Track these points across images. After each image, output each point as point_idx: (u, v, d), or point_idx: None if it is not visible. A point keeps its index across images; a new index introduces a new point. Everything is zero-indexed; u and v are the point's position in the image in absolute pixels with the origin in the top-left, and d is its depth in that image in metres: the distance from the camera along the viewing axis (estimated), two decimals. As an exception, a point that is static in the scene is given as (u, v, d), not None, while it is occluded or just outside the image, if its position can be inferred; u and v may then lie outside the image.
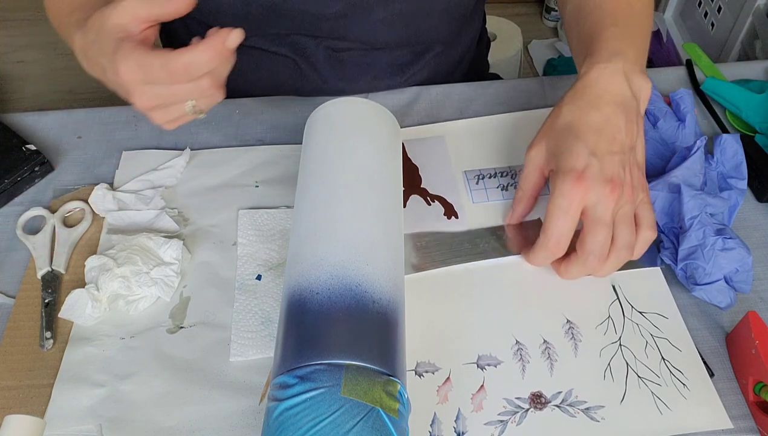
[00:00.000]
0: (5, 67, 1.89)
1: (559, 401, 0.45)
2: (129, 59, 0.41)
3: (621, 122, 0.47)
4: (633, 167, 0.47)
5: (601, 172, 0.45)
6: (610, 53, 0.49)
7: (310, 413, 0.35)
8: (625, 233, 0.46)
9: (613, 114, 0.47)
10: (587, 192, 0.45)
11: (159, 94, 0.42)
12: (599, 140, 0.46)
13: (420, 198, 0.57)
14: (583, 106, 0.48)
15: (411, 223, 0.55)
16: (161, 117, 0.45)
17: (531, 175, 0.51)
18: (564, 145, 0.47)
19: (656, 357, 0.47)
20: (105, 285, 0.49)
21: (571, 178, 0.45)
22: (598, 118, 0.47)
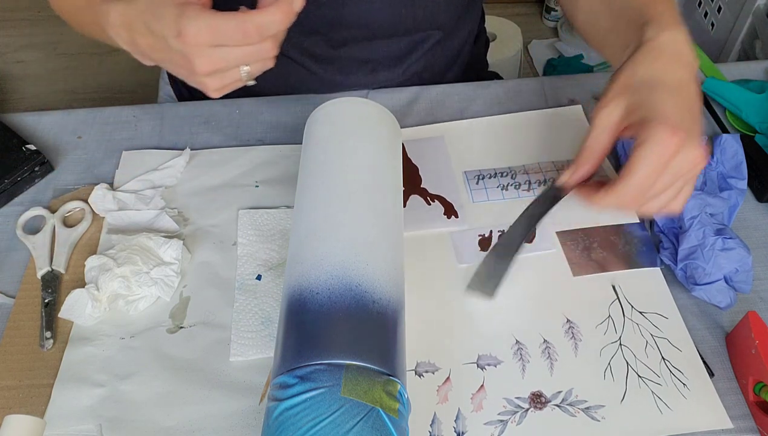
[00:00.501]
0: (5, 67, 1.89)
1: (559, 400, 0.45)
2: (198, 20, 0.41)
3: (694, 87, 0.47)
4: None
5: (690, 131, 0.44)
6: (673, 22, 0.49)
7: (310, 413, 0.35)
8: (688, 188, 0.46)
9: (689, 77, 0.47)
10: (682, 144, 0.43)
11: (223, 57, 0.43)
12: (682, 99, 0.45)
13: (420, 198, 0.57)
14: (660, 65, 0.47)
15: (411, 223, 0.55)
16: (216, 82, 0.46)
17: (603, 134, 0.47)
18: (652, 99, 0.45)
19: (656, 357, 0.47)
20: (105, 285, 0.49)
21: (667, 127, 0.43)
22: (677, 78, 0.46)
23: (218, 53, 0.43)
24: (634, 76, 0.47)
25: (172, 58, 0.45)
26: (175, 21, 0.42)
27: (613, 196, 0.46)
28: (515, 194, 0.58)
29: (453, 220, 0.56)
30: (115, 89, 1.81)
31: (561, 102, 0.67)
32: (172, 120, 0.66)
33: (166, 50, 0.45)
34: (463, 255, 0.53)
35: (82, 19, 0.56)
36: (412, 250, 0.53)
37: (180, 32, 0.42)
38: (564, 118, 0.64)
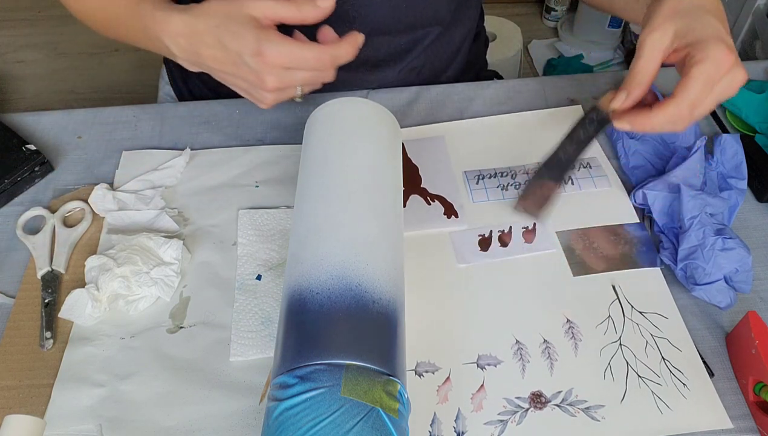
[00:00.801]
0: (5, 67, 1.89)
1: (559, 400, 0.45)
2: (280, 45, 0.47)
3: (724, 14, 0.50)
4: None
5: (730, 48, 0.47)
6: None
7: (310, 413, 0.35)
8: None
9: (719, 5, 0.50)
10: (736, 63, 0.46)
11: (292, 79, 0.49)
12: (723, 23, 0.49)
13: (420, 198, 0.57)
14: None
15: (411, 223, 0.55)
16: (274, 98, 0.52)
17: (653, 58, 0.49)
18: (703, 22, 0.48)
19: (656, 357, 0.47)
20: (105, 285, 0.49)
21: (723, 46, 0.45)
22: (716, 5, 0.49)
23: (289, 75, 0.49)
24: (681, 2, 0.49)
25: (238, 72, 0.50)
26: (255, 41, 0.47)
27: (665, 114, 0.48)
28: (515, 194, 0.58)
29: (453, 220, 0.56)
30: (115, 89, 1.81)
31: (561, 102, 0.67)
32: (172, 120, 0.66)
33: (235, 64, 0.49)
34: (463, 255, 0.53)
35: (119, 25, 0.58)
36: (412, 250, 0.53)
37: (260, 52, 0.47)
38: (564, 118, 0.65)
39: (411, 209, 0.56)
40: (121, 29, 0.58)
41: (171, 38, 0.51)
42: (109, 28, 0.60)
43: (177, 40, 0.51)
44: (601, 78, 0.70)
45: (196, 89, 0.77)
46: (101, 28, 0.61)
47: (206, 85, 0.75)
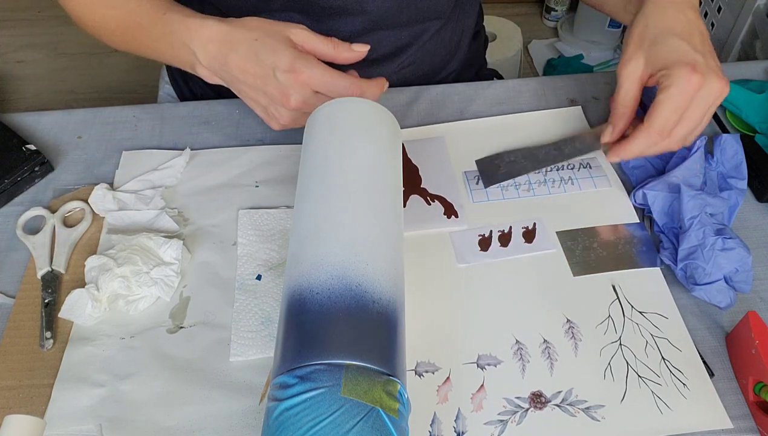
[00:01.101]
0: (5, 67, 1.89)
1: (559, 400, 0.45)
2: (315, 67, 0.50)
3: (702, 26, 0.52)
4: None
5: (707, 66, 0.49)
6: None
7: (310, 413, 0.35)
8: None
9: (695, 17, 0.52)
10: (704, 81, 0.48)
11: (316, 102, 0.51)
12: (694, 38, 0.50)
13: (420, 198, 0.57)
14: (670, 13, 0.52)
15: (411, 223, 0.55)
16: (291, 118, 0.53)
17: (631, 89, 0.52)
18: (668, 46, 0.50)
19: (656, 357, 0.47)
20: (105, 285, 0.49)
21: (687, 69, 0.48)
22: (685, 20, 0.51)
23: (315, 98, 0.51)
24: (647, 28, 0.52)
25: (263, 87, 0.51)
26: (292, 58, 0.49)
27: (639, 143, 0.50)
28: (515, 194, 0.58)
29: (453, 220, 0.56)
30: (115, 89, 1.81)
31: (561, 102, 0.67)
32: (172, 120, 0.66)
33: (264, 78, 0.51)
34: (463, 255, 0.53)
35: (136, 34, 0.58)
36: (412, 250, 0.53)
37: (295, 69, 0.49)
38: (564, 118, 0.65)
39: (411, 209, 0.56)
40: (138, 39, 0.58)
41: (201, 43, 0.52)
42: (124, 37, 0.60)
43: (207, 47, 0.52)
44: (601, 78, 0.70)
45: (196, 88, 0.77)
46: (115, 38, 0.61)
47: (207, 84, 0.75)
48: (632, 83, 0.52)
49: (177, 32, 0.54)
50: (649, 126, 0.49)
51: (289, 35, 0.51)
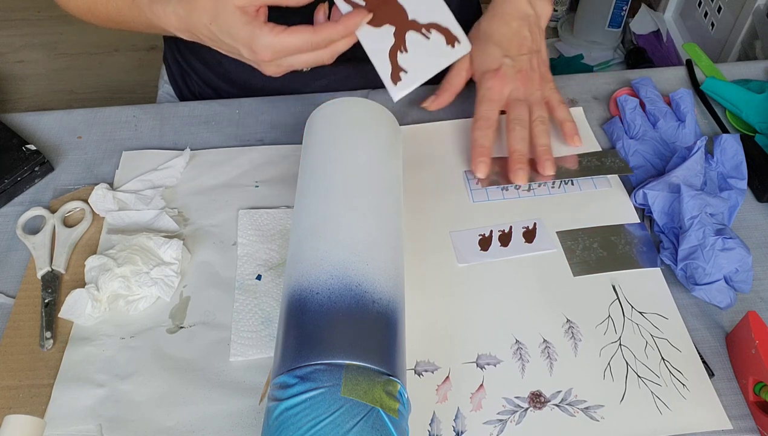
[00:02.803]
0: (5, 67, 1.89)
1: (559, 400, 0.45)
2: (273, 41, 0.48)
3: (526, 32, 0.61)
4: (540, 64, 0.62)
5: (513, 68, 0.60)
6: None
7: (310, 413, 0.35)
8: (539, 110, 0.59)
9: (519, 27, 0.61)
10: (505, 83, 0.59)
11: (289, 64, 0.50)
12: (510, 46, 0.61)
13: (416, 33, 0.52)
14: (496, 21, 0.62)
15: (417, 68, 0.52)
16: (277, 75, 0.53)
17: (458, 74, 0.63)
18: (484, 52, 0.61)
19: (656, 357, 0.47)
20: (105, 285, 0.49)
21: (491, 74, 0.60)
22: (508, 30, 0.61)
23: (287, 62, 0.50)
24: (478, 31, 0.63)
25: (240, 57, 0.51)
26: (248, 40, 0.48)
27: (475, 133, 0.58)
28: (515, 194, 0.58)
29: (458, 46, 0.52)
30: (115, 89, 1.81)
31: (561, 102, 0.67)
32: (172, 120, 0.66)
33: (235, 54, 0.51)
34: (464, 255, 0.53)
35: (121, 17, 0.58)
36: (412, 249, 0.53)
37: (254, 51, 0.48)
38: (564, 118, 0.64)
39: (413, 51, 0.52)
40: (125, 21, 0.59)
41: (175, 30, 0.53)
42: (111, 20, 0.60)
43: (180, 31, 0.53)
44: (601, 78, 0.70)
45: (196, 87, 0.77)
46: (105, 23, 0.61)
47: (206, 84, 0.75)
48: (460, 70, 0.63)
49: (150, 18, 0.54)
50: (476, 118, 0.59)
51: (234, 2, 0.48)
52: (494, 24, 0.61)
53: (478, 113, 0.59)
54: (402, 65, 0.52)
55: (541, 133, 0.58)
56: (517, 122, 0.58)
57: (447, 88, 0.63)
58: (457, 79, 0.63)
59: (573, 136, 0.60)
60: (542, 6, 0.63)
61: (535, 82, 0.60)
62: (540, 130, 0.58)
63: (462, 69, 0.62)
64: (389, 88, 0.52)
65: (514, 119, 0.58)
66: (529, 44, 0.61)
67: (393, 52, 0.52)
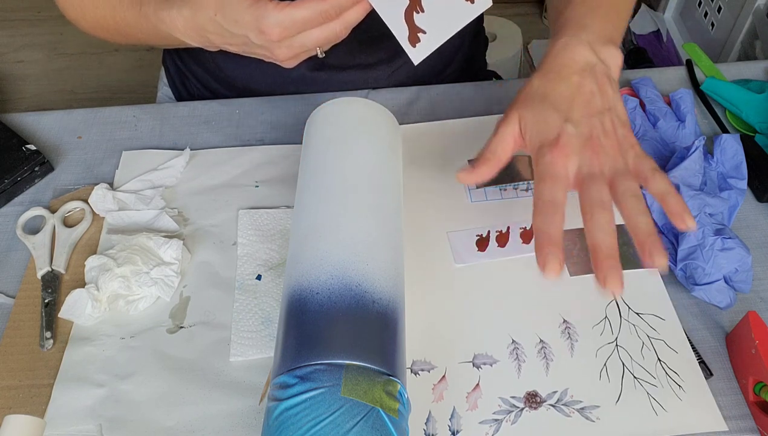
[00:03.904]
0: (5, 67, 1.89)
1: (555, 400, 0.45)
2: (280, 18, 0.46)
3: (593, 86, 0.47)
4: (616, 126, 0.47)
5: (578, 136, 0.45)
6: (574, 28, 0.50)
7: (310, 413, 0.36)
8: (626, 182, 0.44)
9: (583, 80, 0.48)
10: (568, 156, 0.45)
11: (302, 44, 0.48)
12: (573, 107, 0.47)
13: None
14: (552, 77, 0.49)
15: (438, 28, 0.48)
16: (293, 61, 0.51)
17: (503, 140, 0.49)
18: (540, 117, 0.47)
19: (652, 358, 0.47)
20: (105, 285, 0.49)
21: (549, 148, 0.45)
22: (567, 87, 0.48)
23: (298, 42, 0.48)
24: (531, 89, 0.49)
25: (251, 51, 0.50)
26: (255, 22, 0.46)
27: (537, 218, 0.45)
28: (513, 194, 0.58)
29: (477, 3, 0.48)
30: (115, 89, 1.81)
31: (560, 102, 0.67)
32: (172, 120, 0.66)
33: (246, 45, 0.50)
34: (461, 255, 0.53)
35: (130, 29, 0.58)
36: (409, 249, 0.53)
37: (263, 31, 0.46)
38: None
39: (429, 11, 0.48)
40: (134, 33, 0.58)
41: (181, 33, 0.52)
42: (120, 33, 0.60)
43: (187, 34, 0.52)
44: (600, 78, 0.69)
45: (194, 90, 0.77)
46: (115, 36, 0.61)
47: (203, 85, 0.75)
48: (508, 135, 0.49)
49: (157, 26, 0.54)
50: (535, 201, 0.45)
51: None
52: (549, 81, 0.48)
53: (538, 196, 0.44)
54: (420, 26, 0.48)
55: (635, 209, 0.42)
56: (596, 205, 0.43)
57: (488, 158, 0.48)
58: (501, 147, 0.48)
59: (682, 215, 0.42)
60: (610, 53, 0.50)
61: (611, 150, 0.45)
62: (633, 206, 0.42)
63: (508, 135, 0.48)
64: (408, 51, 0.49)
65: (589, 201, 0.43)
66: (598, 102, 0.47)
67: (409, 12, 0.48)
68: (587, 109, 0.47)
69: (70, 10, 0.61)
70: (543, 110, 0.47)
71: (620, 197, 0.43)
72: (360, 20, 0.48)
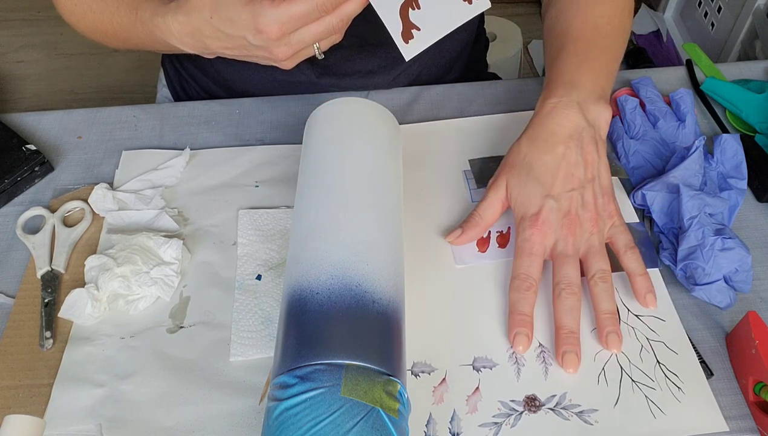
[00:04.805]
0: (5, 67, 1.89)
1: (553, 404, 0.45)
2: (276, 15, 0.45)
3: (577, 157, 0.49)
4: (597, 197, 0.49)
5: (557, 211, 0.48)
6: (565, 86, 0.51)
7: (310, 413, 0.36)
8: (596, 262, 0.48)
9: (568, 150, 0.49)
10: (546, 234, 0.48)
11: (300, 40, 0.47)
12: (555, 180, 0.49)
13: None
14: (539, 145, 0.50)
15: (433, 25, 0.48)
16: (292, 62, 0.50)
17: (492, 206, 0.52)
18: (524, 189, 0.50)
19: (651, 361, 0.47)
20: (105, 285, 0.49)
21: (530, 223, 0.49)
22: (552, 158, 0.49)
23: (296, 38, 0.47)
24: (518, 155, 0.51)
25: (249, 53, 0.49)
26: (251, 21, 0.46)
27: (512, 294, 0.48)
28: (515, 194, 0.58)
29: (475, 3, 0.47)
30: (115, 89, 1.81)
31: (561, 102, 0.67)
32: (172, 120, 0.66)
33: (243, 47, 0.49)
34: (461, 256, 0.53)
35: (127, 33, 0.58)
36: (410, 250, 0.53)
37: (260, 30, 0.46)
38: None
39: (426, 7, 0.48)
40: (131, 37, 0.58)
41: (177, 40, 0.52)
42: (118, 38, 0.60)
43: (183, 40, 0.51)
44: (600, 78, 0.69)
45: (192, 91, 0.77)
46: (113, 41, 0.61)
47: (202, 88, 0.75)
48: (495, 201, 0.52)
49: (153, 32, 0.53)
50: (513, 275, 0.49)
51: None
52: (536, 149, 0.50)
53: (515, 269, 0.48)
54: (414, 22, 0.48)
55: (601, 295, 0.47)
56: (564, 288, 0.47)
57: (477, 222, 0.52)
58: (489, 212, 0.52)
59: (646, 296, 0.48)
60: (598, 112, 0.51)
61: (587, 224, 0.48)
62: (600, 292, 0.47)
63: (496, 201, 0.52)
64: (400, 46, 0.48)
65: (559, 283, 0.47)
66: (581, 173, 0.49)
67: (404, 8, 0.47)
68: (569, 182, 0.49)
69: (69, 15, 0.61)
70: (528, 182, 0.50)
71: (590, 279, 0.48)
72: (357, 13, 0.47)
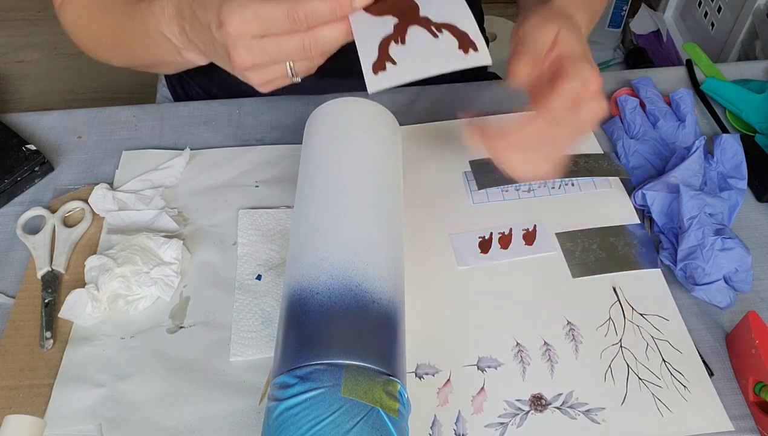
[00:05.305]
0: (5, 67, 1.89)
1: (560, 403, 0.45)
2: (243, 9, 0.40)
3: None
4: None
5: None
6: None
7: (310, 413, 0.36)
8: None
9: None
10: (600, 90, 0.45)
11: (264, 50, 0.41)
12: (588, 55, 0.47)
13: (422, 29, 0.42)
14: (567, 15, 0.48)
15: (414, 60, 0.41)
16: (259, 77, 0.44)
17: (544, 37, 0.45)
18: (573, 37, 0.45)
19: (657, 359, 0.47)
20: (105, 285, 0.49)
21: (592, 68, 0.44)
22: (581, 20, 0.49)
23: (259, 45, 0.41)
24: (554, 4, 0.47)
25: (216, 51, 0.44)
26: (218, 10, 0.40)
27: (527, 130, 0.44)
28: (515, 196, 0.58)
29: (472, 54, 0.42)
30: (115, 89, 1.81)
31: (561, 102, 0.67)
32: (172, 120, 0.66)
33: (210, 42, 0.43)
34: (463, 257, 0.53)
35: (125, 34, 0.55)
36: (412, 251, 0.53)
37: (222, 22, 0.40)
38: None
39: (411, 45, 0.42)
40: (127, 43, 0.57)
41: (168, 27, 0.48)
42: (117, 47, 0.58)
43: (172, 28, 0.48)
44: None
45: (192, 92, 0.77)
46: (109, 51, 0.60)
47: (202, 88, 0.75)
48: (549, 34, 0.45)
49: (150, 22, 0.50)
50: (543, 112, 0.44)
51: None
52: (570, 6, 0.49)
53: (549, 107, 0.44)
54: (392, 55, 0.42)
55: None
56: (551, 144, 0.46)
57: (526, 60, 0.46)
58: (538, 46, 0.46)
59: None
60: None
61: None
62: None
63: (550, 36, 0.45)
64: (366, 76, 0.42)
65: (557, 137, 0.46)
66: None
67: (386, 41, 0.42)
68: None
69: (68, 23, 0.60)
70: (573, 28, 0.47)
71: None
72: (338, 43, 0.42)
